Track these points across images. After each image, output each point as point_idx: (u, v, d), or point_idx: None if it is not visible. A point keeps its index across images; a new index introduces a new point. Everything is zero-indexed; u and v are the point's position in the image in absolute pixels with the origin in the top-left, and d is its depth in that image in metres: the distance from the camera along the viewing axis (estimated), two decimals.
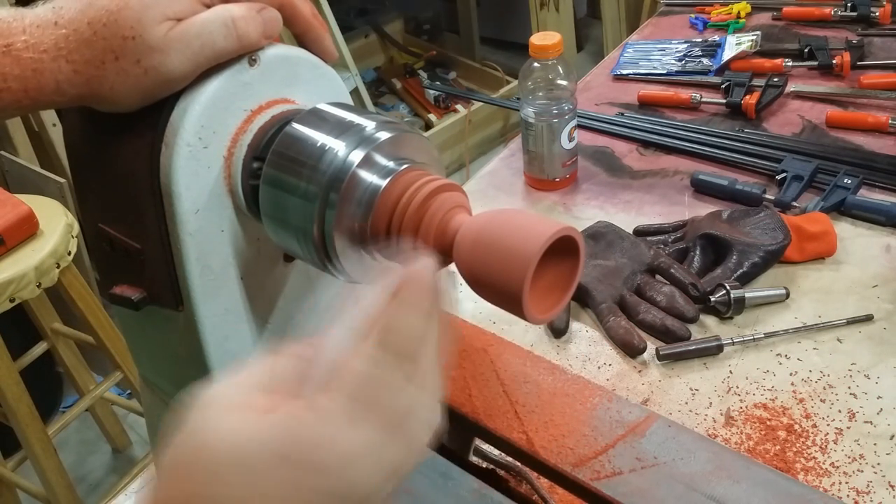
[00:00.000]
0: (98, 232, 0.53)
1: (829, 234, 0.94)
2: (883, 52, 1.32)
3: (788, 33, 1.43)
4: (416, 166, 0.47)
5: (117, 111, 0.48)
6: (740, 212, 0.98)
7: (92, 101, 0.47)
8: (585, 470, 0.53)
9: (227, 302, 0.53)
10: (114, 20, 0.44)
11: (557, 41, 1.05)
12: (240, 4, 0.48)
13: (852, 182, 1.02)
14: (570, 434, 0.56)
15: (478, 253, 0.43)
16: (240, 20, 0.47)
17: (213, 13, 0.47)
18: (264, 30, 0.49)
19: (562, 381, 0.60)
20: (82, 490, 1.95)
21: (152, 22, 0.45)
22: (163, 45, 0.45)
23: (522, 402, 0.59)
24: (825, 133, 1.17)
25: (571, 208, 1.11)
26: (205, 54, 0.46)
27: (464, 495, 0.52)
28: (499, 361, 0.62)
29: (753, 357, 0.83)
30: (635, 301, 0.89)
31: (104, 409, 1.96)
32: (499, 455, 0.69)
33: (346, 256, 0.46)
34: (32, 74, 0.45)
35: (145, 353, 0.61)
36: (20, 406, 1.52)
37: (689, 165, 1.14)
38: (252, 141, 0.50)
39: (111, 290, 0.53)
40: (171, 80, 0.46)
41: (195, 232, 0.49)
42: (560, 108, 1.07)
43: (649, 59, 1.42)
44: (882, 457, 0.72)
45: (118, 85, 0.46)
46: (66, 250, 1.50)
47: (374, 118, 0.47)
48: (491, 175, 1.20)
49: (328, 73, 0.55)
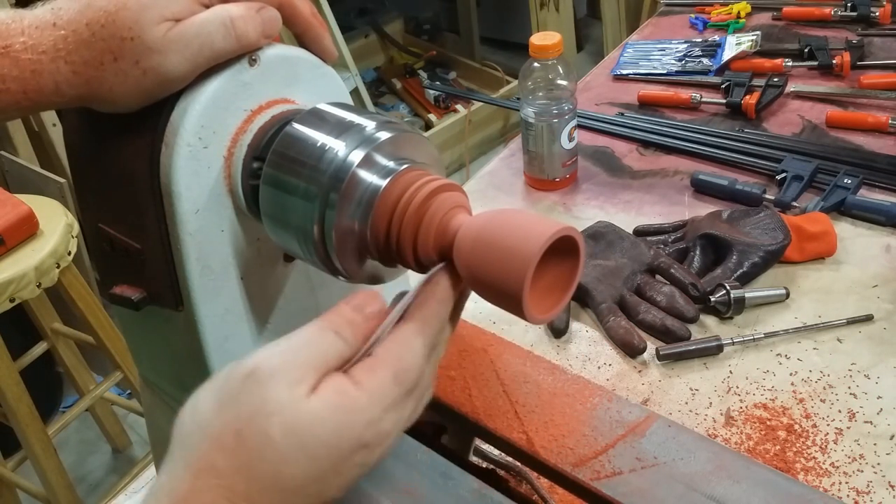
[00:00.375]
0: (98, 232, 0.53)
1: (829, 234, 0.94)
2: (883, 52, 1.32)
3: (788, 33, 1.43)
4: (417, 166, 0.47)
5: (117, 112, 0.48)
6: (740, 212, 0.98)
7: (91, 101, 0.47)
8: (585, 470, 0.53)
9: (227, 302, 0.53)
10: (112, 21, 0.44)
11: (557, 41, 1.05)
12: (238, 4, 0.48)
13: (852, 182, 1.02)
14: (570, 434, 0.56)
15: (478, 253, 0.43)
16: (238, 20, 0.47)
17: (211, 13, 0.47)
18: (263, 29, 0.49)
19: (562, 381, 0.60)
20: (82, 490, 1.95)
21: (151, 23, 0.45)
22: (161, 46, 0.45)
23: (522, 402, 0.59)
24: (825, 133, 1.17)
25: (571, 208, 1.11)
26: (204, 55, 0.46)
27: (464, 495, 0.52)
28: (499, 361, 0.62)
29: (753, 357, 0.83)
30: (635, 301, 0.89)
31: (104, 409, 1.96)
32: (499, 455, 0.69)
33: (346, 256, 0.46)
34: (31, 76, 0.45)
35: (145, 353, 0.61)
36: (20, 406, 1.52)
37: (689, 165, 1.14)
38: (252, 141, 0.50)
39: (111, 290, 0.53)
40: (170, 80, 0.46)
41: (195, 232, 0.49)
42: (560, 108, 1.07)
43: (649, 59, 1.42)
44: (882, 457, 0.72)
45: (117, 86, 0.46)
46: (66, 250, 1.50)
47: (374, 118, 0.47)
48: (491, 175, 1.20)
49: (328, 73, 0.55)
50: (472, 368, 0.61)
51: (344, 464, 0.37)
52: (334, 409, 0.37)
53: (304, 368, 0.38)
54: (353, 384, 0.38)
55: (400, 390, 0.39)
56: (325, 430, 0.36)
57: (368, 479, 0.53)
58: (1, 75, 0.45)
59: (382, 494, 0.52)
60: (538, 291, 0.44)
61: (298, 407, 0.36)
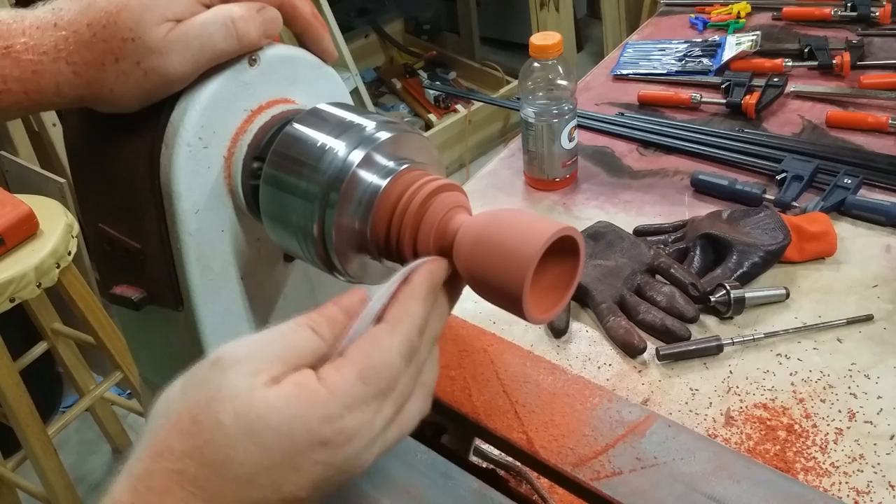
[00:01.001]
0: (98, 232, 0.53)
1: (829, 234, 0.94)
2: (883, 52, 1.32)
3: (788, 33, 1.43)
4: (416, 166, 0.47)
5: (118, 112, 0.48)
6: (740, 212, 0.98)
7: (92, 102, 0.47)
8: (585, 470, 0.53)
9: (227, 302, 0.53)
10: (113, 22, 0.45)
11: (557, 41, 1.05)
12: (239, 4, 0.48)
13: (852, 182, 1.02)
14: (570, 434, 0.56)
15: (478, 253, 0.43)
16: (239, 20, 0.47)
17: (212, 14, 0.47)
18: (264, 30, 0.49)
19: (562, 381, 0.60)
20: (82, 490, 1.95)
21: (151, 23, 0.45)
22: (162, 47, 0.45)
23: (522, 402, 0.59)
24: (825, 133, 1.17)
25: (571, 208, 1.11)
26: (205, 55, 0.46)
27: (464, 495, 0.52)
28: (499, 361, 0.62)
29: (753, 357, 0.83)
30: (635, 301, 0.89)
31: (104, 409, 1.96)
32: (499, 455, 0.69)
33: (346, 256, 0.46)
34: (32, 76, 0.45)
35: (145, 352, 0.61)
36: (20, 406, 1.52)
37: (689, 165, 1.14)
38: (252, 141, 0.50)
39: (111, 290, 0.53)
40: (171, 81, 0.46)
41: (195, 232, 0.49)
42: (560, 108, 1.07)
43: (649, 59, 1.42)
44: (882, 457, 0.72)
45: (118, 87, 0.46)
46: (66, 250, 1.50)
47: (374, 118, 0.47)
48: (491, 175, 1.20)
49: (328, 73, 0.55)
50: (472, 368, 0.61)
51: (300, 458, 0.36)
52: (288, 399, 0.36)
53: (269, 360, 0.37)
54: (317, 379, 0.37)
55: (367, 389, 0.38)
56: (277, 419, 0.36)
57: (368, 478, 0.53)
58: (2, 75, 0.45)
59: (382, 494, 0.52)
60: (538, 291, 0.44)
61: (253, 394, 0.36)
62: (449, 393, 0.60)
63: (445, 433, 0.66)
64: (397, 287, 0.42)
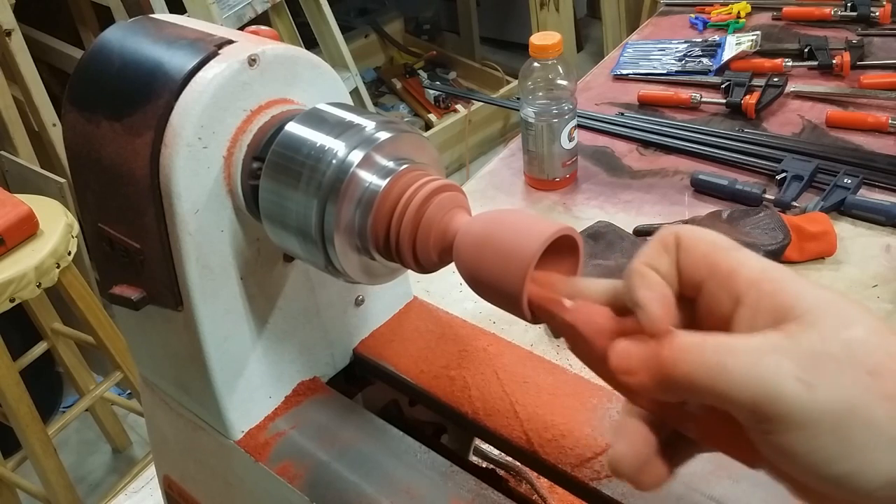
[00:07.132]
0: (98, 232, 0.53)
1: (829, 234, 0.94)
2: (883, 52, 1.32)
3: (788, 33, 1.43)
4: (416, 166, 0.47)
5: None
6: (740, 212, 0.98)
7: None
8: (585, 470, 0.53)
9: (226, 302, 0.53)
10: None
11: (557, 41, 1.05)
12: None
13: (852, 182, 1.02)
14: (570, 434, 0.56)
15: (477, 253, 0.43)
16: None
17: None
18: None
19: (562, 381, 0.60)
20: (82, 490, 1.95)
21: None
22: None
23: (522, 402, 0.58)
24: (825, 133, 1.17)
25: (571, 208, 1.11)
26: None
27: (464, 495, 0.52)
28: (499, 361, 0.62)
29: None
30: None
31: (104, 409, 1.96)
32: (499, 455, 0.69)
33: (346, 256, 0.46)
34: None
35: (145, 353, 0.61)
36: (20, 406, 1.52)
37: (689, 165, 1.14)
38: (252, 141, 0.50)
39: (111, 290, 0.53)
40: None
41: (195, 232, 0.49)
42: (560, 108, 1.07)
43: (649, 59, 1.42)
44: None
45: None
46: (66, 250, 1.50)
47: (374, 118, 0.47)
48: (491, 175, 1.20)
49: (328, 73, 0.55)
50: (472, 368, 0.61)
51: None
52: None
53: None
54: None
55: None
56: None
57: (368, 478, 0.53)
58: None
59: (382, 494, 0.52)
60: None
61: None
62: (449, 393, 0.60)
63: (445, 433, 0.66)
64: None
